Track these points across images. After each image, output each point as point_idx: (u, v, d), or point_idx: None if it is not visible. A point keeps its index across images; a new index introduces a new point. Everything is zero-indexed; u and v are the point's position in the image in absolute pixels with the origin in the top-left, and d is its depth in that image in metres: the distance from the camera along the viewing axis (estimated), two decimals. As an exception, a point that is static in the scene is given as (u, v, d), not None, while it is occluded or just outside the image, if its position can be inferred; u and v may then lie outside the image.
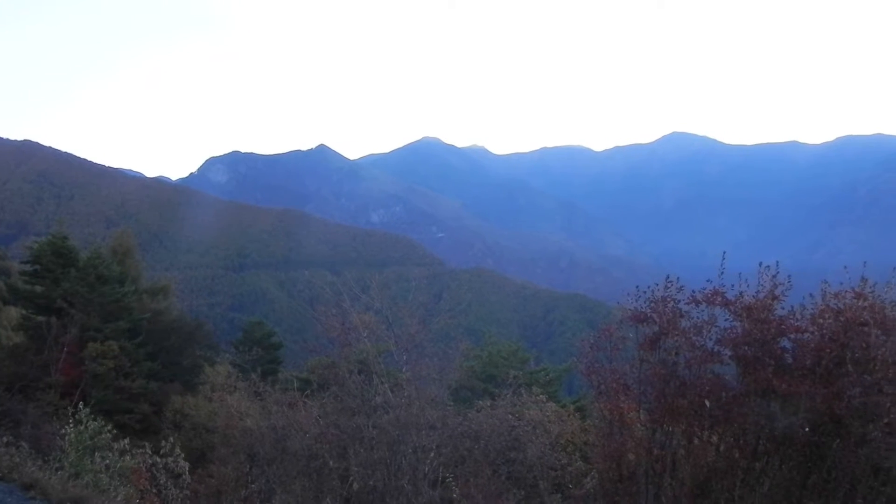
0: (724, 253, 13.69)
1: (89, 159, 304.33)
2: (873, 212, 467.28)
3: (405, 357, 17.38)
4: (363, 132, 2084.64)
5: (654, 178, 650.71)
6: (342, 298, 18.66)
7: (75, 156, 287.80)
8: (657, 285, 13.16)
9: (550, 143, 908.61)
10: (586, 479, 16.52)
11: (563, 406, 24.58)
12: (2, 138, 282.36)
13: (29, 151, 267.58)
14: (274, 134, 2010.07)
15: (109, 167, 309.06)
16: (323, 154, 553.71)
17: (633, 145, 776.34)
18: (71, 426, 16.12)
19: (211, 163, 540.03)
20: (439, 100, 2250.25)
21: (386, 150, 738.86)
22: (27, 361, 29.32)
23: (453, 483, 15.58)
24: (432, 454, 15.43)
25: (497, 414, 17.96)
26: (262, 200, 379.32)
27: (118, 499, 14.34)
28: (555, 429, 19.03)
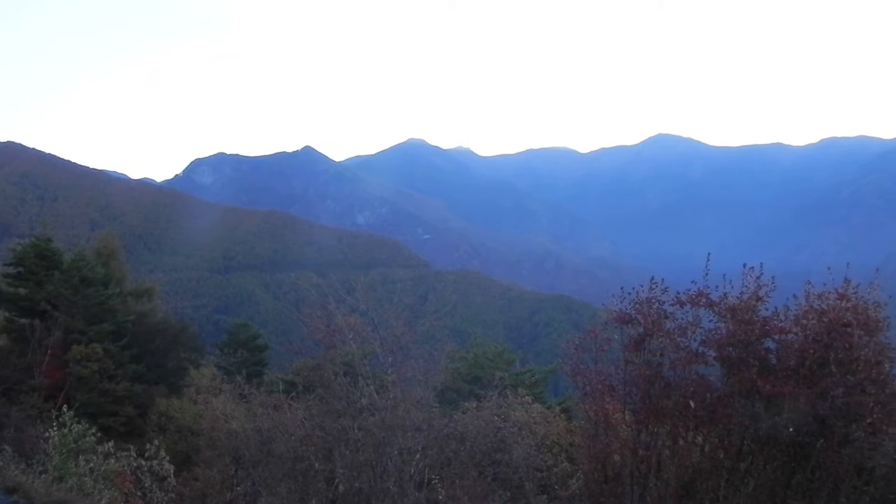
0: (709, 254, 13.79)
1: (73, 161, 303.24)
2: (857, 213, 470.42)
3: (391, 359, 17.35)
4: (349, 134, 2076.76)
5: (639, 180, 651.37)
6: (328, 300, 18.66)
7: (59, 157, 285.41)
8: (642, 287, 13.23)
9: (536, 145, 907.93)
10: (572, 480, 16.60)
11: (548, 407, 24.64)
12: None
13: (12, 153, 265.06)
14: (260, 135, 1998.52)
15: (94, 169, 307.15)
16: (309, 156, 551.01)
17: (618, 147, 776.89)
18: (55, 429, 15.99)
19: (196, 164, 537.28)
20: (425, 102, 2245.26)
21: (372, 151, 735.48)
22: (10, 364, 29.06)
23: (439, 485, 15.56)
24: (418, 456, 15.42)
25: (483, 415, 17.96)
26: (248, 202, 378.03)
27: (102, 502, 14.28)
28: (540, 430, 19.09)
